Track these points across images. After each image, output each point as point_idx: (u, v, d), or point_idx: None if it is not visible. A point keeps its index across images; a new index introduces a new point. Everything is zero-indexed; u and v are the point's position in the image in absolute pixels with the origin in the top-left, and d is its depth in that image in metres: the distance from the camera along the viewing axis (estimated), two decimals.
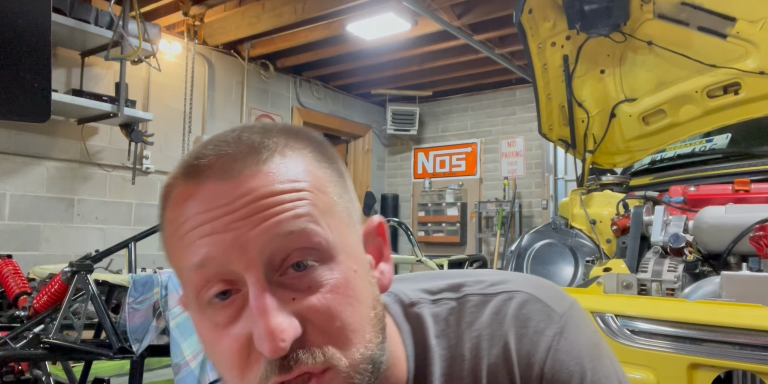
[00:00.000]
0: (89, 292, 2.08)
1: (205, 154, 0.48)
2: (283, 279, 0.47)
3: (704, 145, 2.40)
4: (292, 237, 0.46)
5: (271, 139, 0.49)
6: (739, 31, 2.00)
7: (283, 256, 0.46)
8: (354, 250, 0.50)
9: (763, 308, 1.27)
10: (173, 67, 4.73)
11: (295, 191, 0.47)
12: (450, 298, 0.61)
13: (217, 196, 0.47)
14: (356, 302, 0.48)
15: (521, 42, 2.27)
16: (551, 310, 0.58)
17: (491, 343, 0.57)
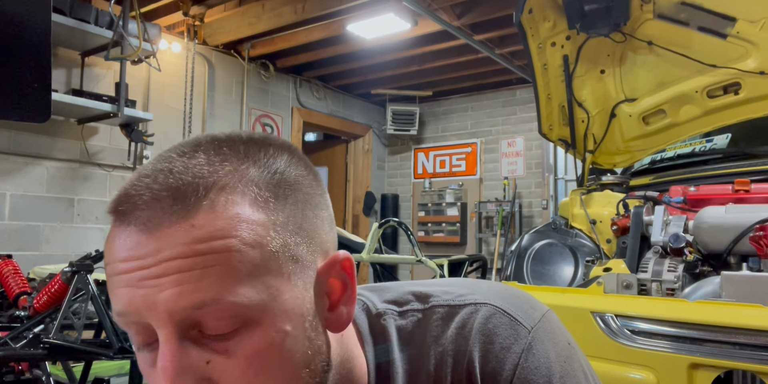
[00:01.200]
0: (89, 292, 2.08)
1: (138, 188, 0.44)
2: (201, 338, 0.43)
3: (704, 145, 2.40)
4: (204, 308, 0.41)
5: (210, 175, 0.44)
6: (739, 31, 2.00)
7: (195, 323, 0.43)
8: (289, 307, 0.45)
9: (763, 308, 1.27)
10: (173, 67, 4.73)
11: (215, 253, 0.42)
12: (416, 309, 0.58)
13: (134, 246, 0.43)
14: (280, 367, 0.44)
15: (521, 42, 2.27)
16: (518, 324, 0.55)
17: (455, 359, 0.54)
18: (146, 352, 0.45)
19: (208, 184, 0.43)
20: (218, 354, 0.43)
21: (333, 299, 0.50)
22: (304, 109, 6.01)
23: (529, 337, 0.54)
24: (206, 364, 0.43)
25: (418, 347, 0.56)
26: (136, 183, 0.45)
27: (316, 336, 0.47)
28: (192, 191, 0.43)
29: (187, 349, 0.43)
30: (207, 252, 0.42)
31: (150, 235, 0.42)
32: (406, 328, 0.57)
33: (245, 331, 0.43)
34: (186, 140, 0.48)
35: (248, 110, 5.42)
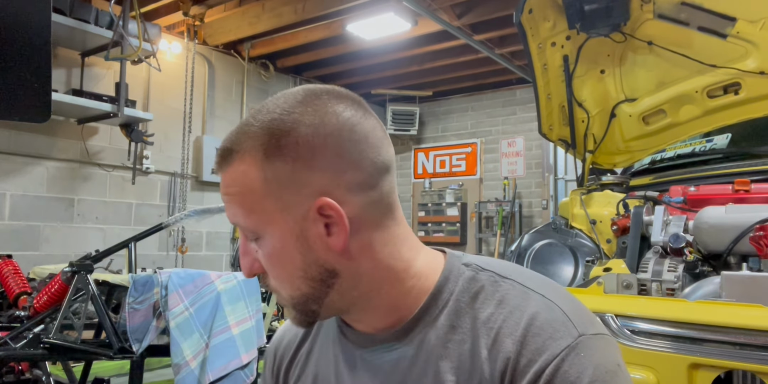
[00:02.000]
0: (89, 292, 2.08)
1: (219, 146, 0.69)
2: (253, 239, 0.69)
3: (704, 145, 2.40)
4: (245, 229, 0.68)
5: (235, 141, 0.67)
6: (739, 31, 2.00)
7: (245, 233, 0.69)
8: (279, 233, 0.66)
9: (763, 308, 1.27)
10: (173, 67, 4.73)
11: (230, 196, 0.67)
12: (497, 273, 0.70)
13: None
14: (280, 266, 0.67)
15: (521, 42, 2.27)
16: (572, 326, 0.62)
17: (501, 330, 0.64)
18: None
19: (232, 149, 0.66)
20: (257, 250, 0.68)
21: (328, 229, 0.66)
22: None
23: (578, 339, 0.61)
24: (255, 252, 0.69)
25: (477, 298, 0.68)
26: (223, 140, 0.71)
27: (307, 253, 0.66)
28: (227, 154, 0.67)
29: (248, 243, 0.69)
30: (229, 194, 0.67)
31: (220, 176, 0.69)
32: (478, 281, 0.69)
33: (261, 241, 0.67)
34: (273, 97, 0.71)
35: (248, 110, 5.42)
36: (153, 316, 2.02)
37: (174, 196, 4.74)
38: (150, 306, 2.03)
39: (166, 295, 2.03)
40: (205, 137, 4.95)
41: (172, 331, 1.97)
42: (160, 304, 2.02)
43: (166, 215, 4.64)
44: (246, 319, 2.09)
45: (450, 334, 0.67)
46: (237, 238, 5.21)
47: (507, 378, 0.61)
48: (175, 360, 1.96)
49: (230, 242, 5.21)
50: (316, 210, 0.64)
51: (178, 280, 2.07)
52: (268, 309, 2.30)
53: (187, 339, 1.98)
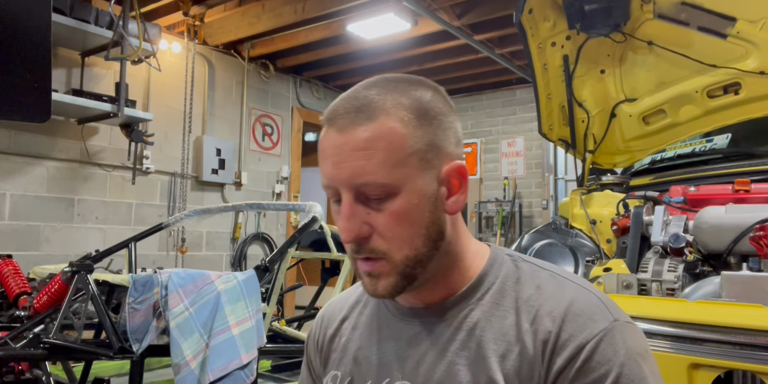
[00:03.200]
0: (89, 292, 2.08)
1: (338, 106, 0.72)
2: (364, 199, 0.70)
3: (704, 145, 2.40)
4: (366, 185, 0.69)
5: (377, 102, 0.70)
6: (739, 31, 2.00)
7: (361, 191, 0.70)
8: (418, 188, 0.70)
9: (763, 308, 1.27)
10: (173, 67, 4.73)
11: (372, 150, 0.68)
12: (537, 264, 0.78)
13: (335, 141, 0.70)
14: (408, 224, 0.70)
15: (521, 42, 2.27)
16: (608, 311, 0.70)
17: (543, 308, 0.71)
18: (336, 205, 0.73)
19: (376, 107, 0.69)
20: (373, 210, 0.70)
21: (452, 191, 0.74)
22: (304, 109, 6.01)
23: (613, 323, 0.69)
24: (366, 215, 0.70)
25: (519, 282, 0.75)
26: (338, 103, 0.72)
27: (434, 211, 0.72)
28: (366, 110, 0.69)
29: (356, 205, 0.70)
30: (370, 149, 0.68)
31: (342, 135, 0.70)
32: (519, 269, 0.77)
33: (390, 199, 0.70)
34: (368, 79, 0.75)
35: (248, 110, 5.42)
36: (153, 316, 2.02)
37: (174, 196, 4.74)
38: (150, 306, 2.03)
39: (166, 295, 2.03)
40: (205, 137, 4.95)
41: (172, 331, 1.97)
42: (160, 304, 2.02)
43: (166, 215, 4.64)
44: (246, 319, 2.09)
45: (493, 309, 0.74)
46: (237, 238, 5.21)
47: (548, 348, 0.68)
48: (175, 360, 1.96)
49: (230, 242, 5.21)
50: (449, 172, 0.73)
51: (178, 280, 2.07)
52: (268, 309, 2.30)
53: (187, 339, 1.98)
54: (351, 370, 0.82)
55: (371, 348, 0.81)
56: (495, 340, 0.71)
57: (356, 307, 0.88)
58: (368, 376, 0.79)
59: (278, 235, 5.61)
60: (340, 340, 0.86)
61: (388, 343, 0.80)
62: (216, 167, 4.98)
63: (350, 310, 0.88)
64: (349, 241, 0.71)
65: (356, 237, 0.70)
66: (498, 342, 0.71)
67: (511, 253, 0.80)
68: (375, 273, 0.72)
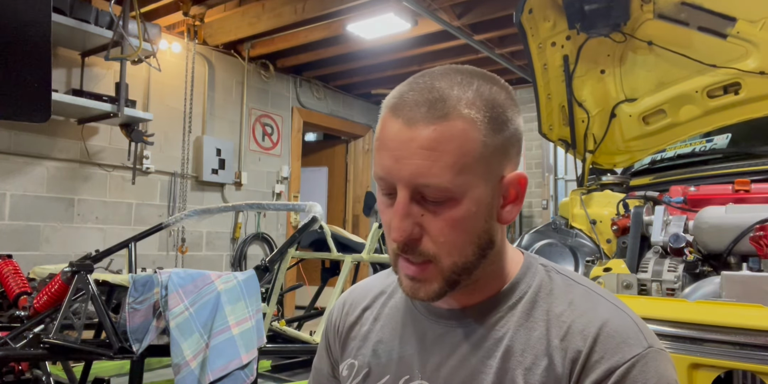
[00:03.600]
0: (89, 292, 2.08)
1: (408, 96, 0.67)
2: (421, 200, 0.67)
3: (704, 145, 2.40)
4: (427, 187, 0.65)
5: (452, 98, 0.65)
6: (739, 31, 1.99)
7: (420, 192, 0.66)
8: (478, 197, 0.67)
9: (763, 308, 1.27)
10: (173, 67, 4.73)
11: (440, 151, 0.64)
12: (571, 278, 0.76)
13: (400, 134, 0.66)
14: (463, 231, 0.68)
15: (521, 42, 2.27)
16: (643, 337, 0.68)
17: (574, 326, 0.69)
18: (386, 198, 0.70)
19: (450, 104, 0.65)
20: (429, 212, 0.67)
21: (507, 200, 0.71)
22: (304, 109, 6.01)
23: (647, 349, 0.67)
24: (420, 216, 0.67)
25: (551, 295, 0.73)
26: (406, 92, 0.68)
27: (488, 220, 0.70)
28: (439, 106, 0.65)
29: (411, 205, 0.67)
30: (438, 150, 0.64)
31: (410, 129, 0.65)
32: (553, 280, 0.75)
33: (449, 204, 0.66)
34: (439, 68, 0.70)
35: (248, 110, 5.41)
36: (153, 316, 2.02)
37: (174, 196, 4.74)
38: (150, 306, 2.03)
39: (166, 295, 2.03)
40: (205, 137, 4.95)
41: (172, 331, 1.97)
42: (160, 304, 2.02)
43: (166, 215, 4.64)
44: (246, 319, 2.09)
45: (523, 319, 0.72)
46: (237, 238, 5.21)
47: (577, 368, 0.67)
48: (175, 360, 1.96)
49: (230, 242, 5.21)
50: (510, 181, 0.70)
51: (178, 280, 2.07)
52: (268, 309, 2.30)
53: (187, 339, 1.98)
54: (369, 362, 0.81)
55: (393, 342, 0.80)
56: (522, 351, 0.70)
57: (380, 298, 0.86)
58: (387, 370, 0.78)
59: (278, 235, 5.61)
60: (361, 329, 0.85)
61: (410, 340, 0.78)
62: (216, 167, 4.98)
63: (373, 300, 0.86)
64: (401, 241, 0.68)
65: (408, 238, 0.67)
66: (525, 354, 0.70)
67: (545, 263, 0.78)
68: (420, 277, 0.70)
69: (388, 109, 0.69)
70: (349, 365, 0.83)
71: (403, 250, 0.69)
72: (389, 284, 0.87)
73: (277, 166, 5.68)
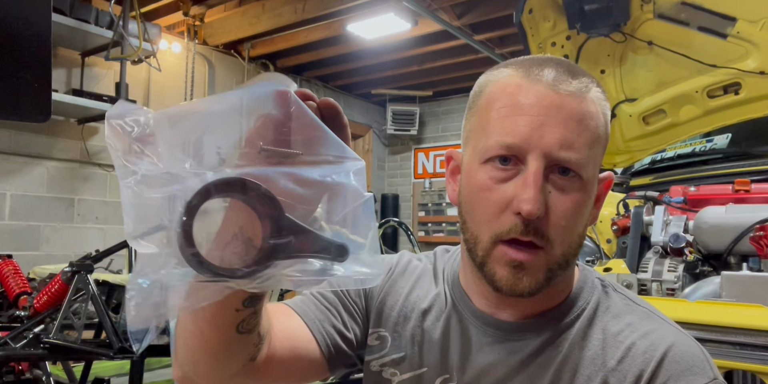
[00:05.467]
0: (89, 292, 2.08)
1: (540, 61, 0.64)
2: (552, 175, 0.62)
3: (704, 145, 2.40)
4: (568, 161, 0.60)
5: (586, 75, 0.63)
6: (740, 31, 1.99)
7: (554, 165, 0.61)
8: (591, 184, 0.64)
9: (763, 308, 1.27)
10: (173, 67, 4.73)
11: (584, 126, 0.61)
12: (631, 299, 0.72)
13: (545, 98, 0.61)
14: (580, 217, 0.64)
15: (521, 42, 2.27)
16: (710, 367, 0.64)
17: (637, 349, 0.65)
18: (498, 169, 0.63)
19: (587, 82, 0.62)
20: (556, 189, 0.62)
21: (594, 200, 0.67)
22: None
23: (712, 381, 0.63)
24: (548, 193, 0.61)
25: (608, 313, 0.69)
26: (537, 59, 0.64)
27: (588, 214, 0.66)
28: (584, 76, 0.62)
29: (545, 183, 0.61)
30: (583, 124, 0.60)
31: (556, 94, 0.61)
32: (610, 298, 0.71)
33: (578, 184, 0.62)
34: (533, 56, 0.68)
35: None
36: None
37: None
38: None
39: None
40: None
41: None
42: None
43: None
44: None
45: (578, 338, 0.67)
46: None
47: None
48: None
49: None
50: (604, 181, 0.69)
51: None
52: None
53: None
54: (404, 347, 0.75)
55: (433, 335, 0.73)
56: (574, 371, 0.66)
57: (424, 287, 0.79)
58: (423, 363, 0.73)
59: None
60: (405, 305, 0.77)
61: (454, 340, 0.72)
62: None
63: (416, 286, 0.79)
64: (534, 214, 0.59)
65: (540, 212, 0.60)
66: (578, 375, 0.66)
67: (602, 278, 0.74)
68: (527, 265, 0.62)
69: (519, 75, 0.63)
70: (380, 336, 0.76)
71: (526, 230, 0.61)
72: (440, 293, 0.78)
73: None
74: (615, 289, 0.72)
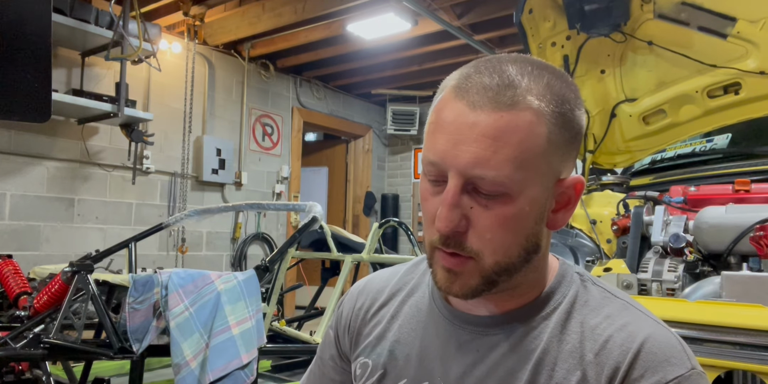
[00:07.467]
0: (89, 292, 2.08)
1: (474, 78, 0.63)
2: (472, 192, 0.62)
3: (704, 145, 2.40)
4: (482, 179, 0.61)
5: (522, 87, 0.61)
6: (740, 31, 2.00)
7: (473, 183, 0.62)
8: (533, 196, 0.63)
9: (763, 308, 1.27)
10: (173, 67, 4.73)
11: (502, 142, 0.60)
12: (609, 291, 0.72)
13: (462, 117, 0.61)
14: (511, 230, 0.63)
15: (521, 42, 2.27)
16: (687, 358, 0.65)
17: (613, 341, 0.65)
18: (432, 185, 0.66)
19: (519, 93, 0.60)
20: (479, 205, 0.62)
21: (560, 205, 0.67)
22: (305, 109, 6.01)
23: (690, 371, 0.63)
24: (470, 208, 0.62)
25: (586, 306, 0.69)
26: (473, 74, 0.63)
27: (538, 223, 0.65)
28: (509, 93, 0.60)
29: (461, 195, 0.62)
30: (501, 140, 0.59)
31: (472, 111, 0.61)
32: (589, 291, 0.71)
33: (502, 199, 0.62)
34: (507, 55, 0.66)
35: (248, 110, 5.41)
36: (153, 316, 2.02)
37: (174, 196, 4.74)
38: (150, 306, 2.03)
39: (166, 295, 2.03)
40: (205, 137, 4.95)
41: (172, 331, 1.97)
42: (160, 304, 2.02)
43: (166, 215, 4.64)
44: (246, 319, 2.09)
45: (556, 331, 0.68)
46: (237, 238, 5.21)
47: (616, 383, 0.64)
48: (175, 360, 1.96)
49: (230, 242, 5.21)
50: (567, 185, 0.67)
51: (178, 280, 2.07)
52: (268, 309, 2.30)
53: (187, 339, 1.98)
54: (385, 363, 0.76)
55: (412, 344, 0.75)
56: (554, 365, 0.67)
57: (398, 295, 0.81)
58: (404, 373, 0.74)
59: (278, 235, 5.60)
60: (376, 326, 0.80)
61: (432, 344, 0.74)
62: (216, 167, 4.98)
63: (390, 297, 0.81)
64: (446, 232, 0.63)
65: (453, 227, 0.62)
66: (557, 368, 0.66)
67: (581, 272, 0.74)
68: (457, 271, 0.65)
69: (450, 90, 0.64)
70: (362, 364, 0.79)
71: (445, 243, 0.64)
72: (408, 281, 0.82)
73: (277, 166, 5.68)
74: (594, 282, 0.73)
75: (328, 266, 3.39)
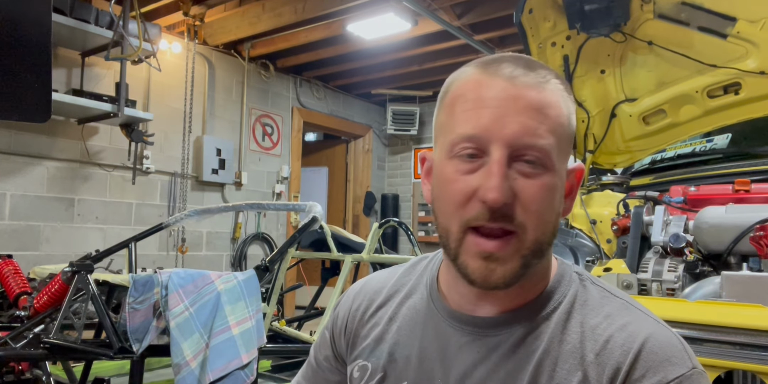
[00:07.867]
0: (89, 292, 2.08)
1: (501, 57, 0.66)
2: (516, 163, 0.63)
3: (704, 145, 2.40)
4: (532, 147, 0.62)
5: (545, 68, 0.66)
6: (740, 31, 1.99)
7: (519, 154, 0.63)
8: (560, 172, 0.66)
9: (763, 308, 1.27)
10: (173, 67, 4.73)
11: (544, 114, 0.63)
12: (609, 290, 0.72)
13: (503, 91, 0.63)
14: (551, 202, 0.65)
15: (521, 42, 2.27)
16: (688, 357, 0.65)
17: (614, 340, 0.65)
18: (465, 162, 0.65)
19: (546, 73, 0.65)
20: (523, 175, 0.63)
21: (566, 191, 0.69)
22: (305, 109, 6.01)
23: (692, 370, 0.64)
24: (514, 180, 0.62)
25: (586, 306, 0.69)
26: (497, 58, 0.67)
27: (560, 203, 0.67)
28: (538, 71, 0.64)
29: (506, 167, 0.62)
30: (543, 112, 0.63)
31: (513, 86, 0.63)
32: (588, 291, 0.71)
33: (543, 169, 0.63)
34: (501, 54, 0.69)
35: (248, 110, 5.41)
36: (153, 316, 2.02)
37: (174, 196, 4.74)
38: (150, 306, 2.03)
39: (167, 295, 2.03)
40: (205, 137, 4.95)
41: (172, 331, 1.97)
42: (161, 304, 2.02)
43: (166, 215, 4.64)
44: (246, 319, 2.09)
45: (557, 331, 0.68)
46: (237, 238, 5.21)
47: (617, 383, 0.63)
48: (175, 360, 1.96)
49: (230, 242, 5.21)
50: (575, 171, 0.70)
51: (179, 280, 2.07)
52: (268, 309, 2.30)
53: (187, 339, 1.98)
54: (384, 365, 0.76)
55: (411, 346, 0.74)
56: (554, 365, 0.66)
57: (395, 296, 0.80)
58: (404, 376, 0.74)
59: (278, 235, 5.61)
60: (374, 328, 0.79)
61: (432, 346, 0.73)
62: (216, 167, 4.98)
63: (388, 298, 0.80)
64: (501, 201, 0.61)
65: (505, 197, 0.61)
66: (558, 368, 0.66)
67: (580, 271, 0.74)
68: (499, 254, 0.63)
69: (478, 68, 0.67)
70: (360, 367, 0.78)
71: (493, 216, 0.62)
72: (406, 283, 0.81)
73: (277, 166, 5.69)
74: (593, 282, 0.73)
75: (328, 266, 3.39)
